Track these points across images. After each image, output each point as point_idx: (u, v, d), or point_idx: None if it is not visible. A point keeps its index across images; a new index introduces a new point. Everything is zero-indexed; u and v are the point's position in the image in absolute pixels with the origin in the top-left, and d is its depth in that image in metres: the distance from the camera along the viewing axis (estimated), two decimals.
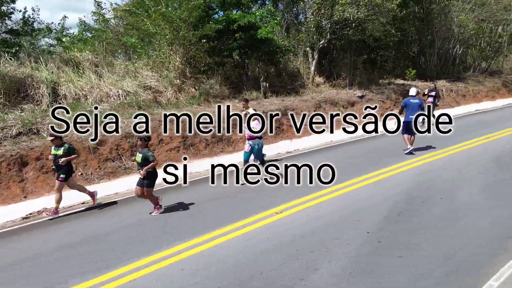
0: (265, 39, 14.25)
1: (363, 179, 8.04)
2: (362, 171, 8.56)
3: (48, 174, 8.47)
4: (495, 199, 6.57)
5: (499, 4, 22.51)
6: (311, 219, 6.15)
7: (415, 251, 4.98)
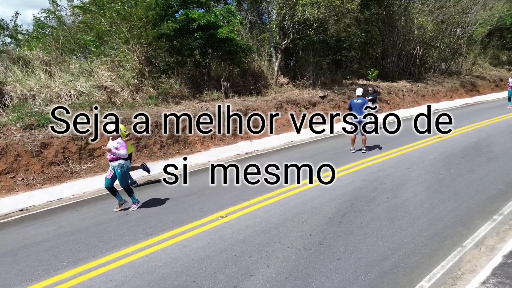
0: (226, 38, 14.06)
1: (314, 180, 8.02)
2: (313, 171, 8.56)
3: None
4: (436, 198, 6.69)
5: (457, 6, 23.30)
6: (256, 222, 6.04)
7: (354, 252, 4.95)
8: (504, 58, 36.15)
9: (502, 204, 6.27)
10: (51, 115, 9.77)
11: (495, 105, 18.83)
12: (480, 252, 4.85)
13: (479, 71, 27.75)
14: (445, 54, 25.02)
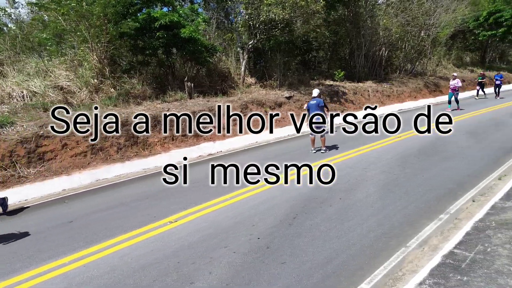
0: (190, 38, 13.83)
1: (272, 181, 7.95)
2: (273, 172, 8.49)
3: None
4: (388, 198, 6.74)
5: (421, 9, 23.93)
6: (206, 226, 5.88)
7: (299, 255, 4.89)
8: (467, 59, 37.51)
9: (450, 203, 6.37)
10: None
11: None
12: (423, 252, 4.88)
13: (443, 72, 28.62)
14: (410, 55, 25.66)
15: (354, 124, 14.31)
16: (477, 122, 13.75)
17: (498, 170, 7.92)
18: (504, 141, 10.48)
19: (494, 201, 6.02)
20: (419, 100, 21.79)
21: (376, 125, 13.78)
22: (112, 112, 11.01)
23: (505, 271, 3.99)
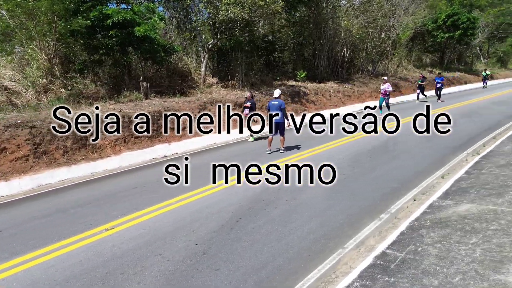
0: (145, 37, 13.43)
1: (220, 183, 7.79)
2: (222, 175, 8.33)
3: None
4: (334, 198, 6.75)
5: (381, 11, 24.51)
6: (143, 233, 5.65)
7: (235, 261, 4.76)
8: (427, 60, 38.87)
9: (392, 202, 6.45)
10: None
11: (412, 105, 19.97)
12: (359, 253, 4.87)
13: (404, 72, 29.46)
14: (372, 56, 26.22)
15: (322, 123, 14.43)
16: None
17: (442, 168, 8.13)
18: (451, 140, 10.82)
19: (433, 200, 6.14)
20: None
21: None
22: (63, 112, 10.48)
23: (431, 271, 4.03)
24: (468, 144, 10.20)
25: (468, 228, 4.96)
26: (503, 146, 9.36)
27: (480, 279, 3.79)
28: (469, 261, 4.16)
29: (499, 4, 47.32)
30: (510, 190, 6.20)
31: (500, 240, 4.55)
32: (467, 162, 8.44)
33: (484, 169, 7.51)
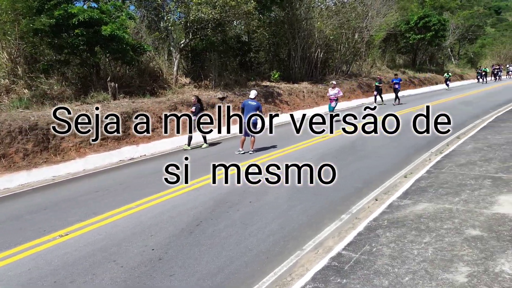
0: (113, 36, 13.13)
1: (183, 186, 7.67)
2: (192, 176, 8.21)
3: None
4: (297, 199, 6.74)
5: (354, 12, 24.87)
6: (99, 239, 5.47)
7: (191, 266, 4.66)
8: (400, 61, 39.72)
9: (354, 202, 6.49)
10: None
11: (384, 105, 20.32)
12: (317, 255, 4.86)
13: (377, 73, 29.91)
14: (346, 57, 26.57)
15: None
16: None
17: (405, 168, 8.27)
18: (418, 140, 11.03)
19: (392, 200, 6.21)
20: (352, 101, 22.59)
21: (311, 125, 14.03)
22: (24, 115, 10.10)
23: (383, 271, 4.05)
24: (434, 143, 10.43)
25: (423, 227, 5.03)
26: (465, 145, 9.61)
27: (429, 279, 3.83)
28: (421, 260, 4.20)
29: (469, 7, 48.98)
30: (467, 189, 6.34)
31: (452, 239, 4.62)
32: (429, 161, 8.60)
33: (444, 168, 7.67)
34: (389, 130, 12.31)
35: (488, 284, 3.64)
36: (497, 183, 6.45)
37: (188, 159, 9.91)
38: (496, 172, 7.07)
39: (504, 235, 4.61)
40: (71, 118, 10.84)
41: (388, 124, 13.07)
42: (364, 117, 15.31)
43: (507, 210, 5.30)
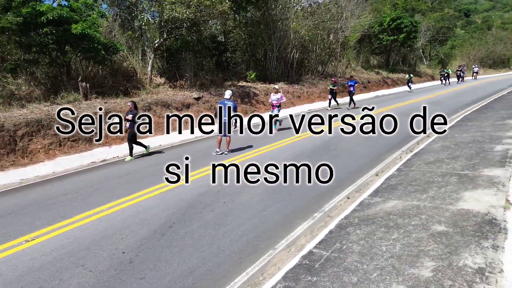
0: (84, 35, 12.80)
1: (157, 188, 7.57)
2: (160, 179, 8.11)
3: None
4: (271, 199, 6.77)
5: (328, 14, 25.21)
6: (67, 243, 5.32)
7: (162, 268, 4.60)
8: (374, 62, 40.54)
9: (327, 201, 6.58)
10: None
11: (358, 105, 20.69)
12: (289, 254, 4.90)
13: (352, 73, 30.40)
14: (321, 57, 26.90)
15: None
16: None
17: (377, 166, 8.45)
18: (391, 139, 11.30)
19: (364, 197, 6.33)
20: (328, 101, 22.82)
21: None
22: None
23: (353, 268, 4.12)
24: (405, 142, 10.70)
25: (391, 224, 5.15)
26: (434, 143, 9.91)
27: (396, 274, 3.93)
28: (389, 256, 4.30)
29: (439, 9, 50.53)
30: (435, 186, 6.55)
31: (419, 235, 4.76)
32: (400, 160, 8.82)
33: (414, 166, 7.89)
34: (365, 131, 12.56)
35: (452, 278, 3.77)
36: (463, 180, 6.68)
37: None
38: (462, 169, 7.33)
39: (468, 230, 4.78)
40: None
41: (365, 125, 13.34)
42: (343, 118, 15.51)
43: (471, 206, 5.50)
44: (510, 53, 65.35)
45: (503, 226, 4.81)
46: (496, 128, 11.18)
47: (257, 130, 13.54)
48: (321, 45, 26.21)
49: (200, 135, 13.92)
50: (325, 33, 25.65)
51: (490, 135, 10.29)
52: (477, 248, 4.29)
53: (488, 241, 4.44)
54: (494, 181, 6.46)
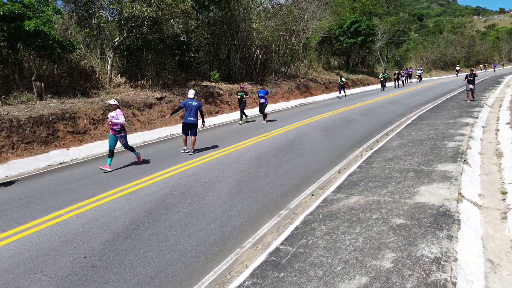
0: (38, 32, 12.18)
1: (120, 190, 7.36)
2: (128, 178, 7.91)
3: None
4: (237, 198, 6.78)
5: (290, 15, 25.60)
6: (24, 249, 5.04)
7: (127, 271, 4.48)
8: (335, 63, 41.64)
9: (292, 198, 6.69)
10: None
11: (321, 105, 21.27)
12: (256, 251, 4.94)
13: (314, 74, 31.15)
14: (284, 58, 27.26)
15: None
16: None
17: (339, 164, 8.70)
18: (351, 138, 11.67)
19: (327, 194, 6.50)
20: (291, 101, 23.25)
21: None
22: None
23: (318, 263, 4.23)
24: (365, 140, 11.10)
25: (354, 218, 5.33)
26: (392, 141, 10.34)
27: (359, 266, 4.07)
28: (352, 250, 4.45)
29: (395, 13, 52.82)
30: (393, 181, 6.84)
31: (380, 228, 4.96)
32: (361, 157, 9.14)
33: (374, 163, 8.20)
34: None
35: (411, 268, 3.96)
36: (419, 175, 7.03)
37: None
38: (418, 165, 7.71)
39: (425, 222, 5.04)
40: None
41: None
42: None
43: (427, 199, 5.80)
44: (460, 56, 69.54)
45: (456, 217, 5.12)
46: (448, 126, 11.86)
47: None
48: (284, 46, 26.57)
49: (164, 135, 13.72)
50: (288, 35, 26.02)
51: (443, 132, 10.90)
52: (433, 239, 4.54)
53: (443, 232, 4.71)
54: (447, 176, 6.85)
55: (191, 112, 10.29)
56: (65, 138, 11.23)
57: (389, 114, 16.20)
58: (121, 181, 7.87)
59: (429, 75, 57.51)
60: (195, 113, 10.37)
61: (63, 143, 11.07)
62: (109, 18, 15.22)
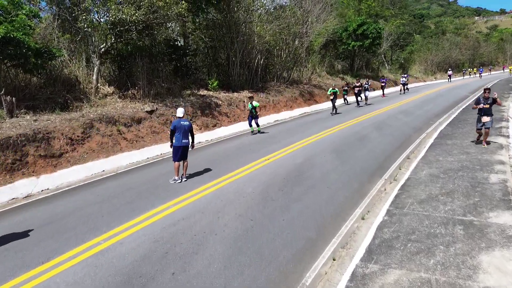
0: (10, 39, 10.61)
1: (84, 248, 5.76)
2: (100, 228, 6.31)
3: None
4: (236, 264, 5.16)
5: (293, 18, 24.01)
6: None
7: None
8: (339, 67, 40.04)
9: (307, 265, 5.11)
10: None
11: (326, 115, 19.63)
12: None
13: (317, 79, 29.52)
14: (287, 63, 25.66)
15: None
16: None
17: (361, 204, 7.10)
18: (367, 161, 10.07)
19: (355, 263, 4.92)
20: (295, 110, 21.64)
21: None
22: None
23: None
24: (384, 165, 9.49)
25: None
26: (419, 171, 8.77)
27: None
28: None
29: (400, 15, 51.30)
30: (439, 242, 5.26)
31: None
32: (385, 193, 7.58)
33: (405, 208, 6.62)
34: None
35: None
36: (471, 232, 5.45)
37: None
38: (464, 214, 6.13)
39: None
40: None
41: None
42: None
43: (496, 282, 4.22)
44: (464, 58, 68.01)
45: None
46: (480, 149, 10.27)
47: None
48: (286, 50, 24.98)
49: (154, 155, 12.13)
50: (291, 38, 24.44)
51: (478, 158, 9.32)
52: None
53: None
54: (508, 234, 5.26)
55: (184, 133, 8.82)
56: (35, 164, 9.63)
57: (404, 128, 14.60)
58: (90, 233, 6.27)
59: (434, 78, 55.98)
60: (188, 134, 8.92)
61: (32, 170, 9.47)
62: (94, 22, 13.60)
